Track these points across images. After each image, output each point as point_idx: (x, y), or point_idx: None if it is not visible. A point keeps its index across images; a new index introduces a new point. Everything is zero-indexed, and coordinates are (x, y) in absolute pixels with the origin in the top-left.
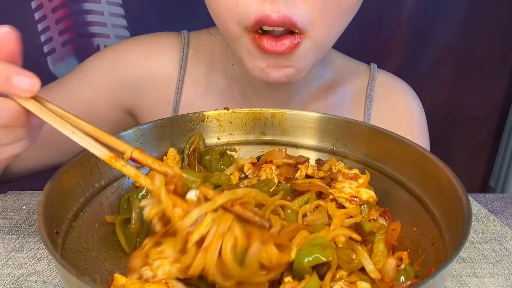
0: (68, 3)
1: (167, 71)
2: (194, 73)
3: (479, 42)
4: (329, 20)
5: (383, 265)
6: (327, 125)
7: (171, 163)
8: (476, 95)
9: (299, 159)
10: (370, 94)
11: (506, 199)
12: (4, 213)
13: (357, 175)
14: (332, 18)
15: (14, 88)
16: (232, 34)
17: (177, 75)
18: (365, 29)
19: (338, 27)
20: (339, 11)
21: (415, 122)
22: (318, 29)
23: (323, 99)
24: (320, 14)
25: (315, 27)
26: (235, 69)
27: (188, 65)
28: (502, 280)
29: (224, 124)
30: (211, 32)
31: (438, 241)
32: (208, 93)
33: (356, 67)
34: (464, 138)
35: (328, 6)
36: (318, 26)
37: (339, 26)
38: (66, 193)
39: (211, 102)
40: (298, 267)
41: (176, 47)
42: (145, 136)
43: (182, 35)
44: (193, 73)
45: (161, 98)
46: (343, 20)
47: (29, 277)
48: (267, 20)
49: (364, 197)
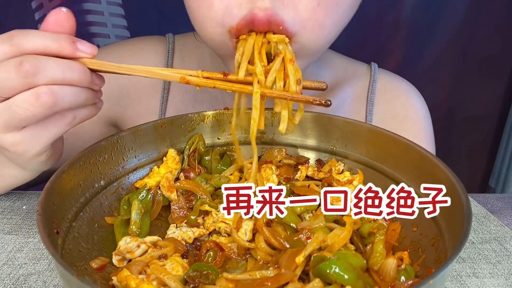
0: (68, 3)
1: (151, 80)
2: None
3: (479, 42)
4: (323, 21)
5: (383, 265)
6: (327, 125)
7: (171, 163)
8: (476, 95)
9: (299, 159)
10: (372, 98)
11: (506, 199)
12: (4, 213)
13: (351, 179)
14: (327, 18)
15: (78, 50)
16: (215, 39)
17: (162, 83)
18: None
19: (333, 27)
20: (336, 9)
21: (420, 125)
22: (310, 30)
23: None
24: (314, 14)
25: (305, 28)
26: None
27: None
28: (502, 280)
29: (224, 124)
30: (197, 37)
31: (438, 241)
32: (197, 101)
33: (356, 68)
34: (464, 138)
35: (323, 4)
36: (309, 28)
37: (334, 27)
38: (66, 193)
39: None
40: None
41: (160, 53)
42: (145, 136)
43: (166, 39)
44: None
45: (146, 108)
46: (340, 20)
47: (29, 277)
48: (253, 20)
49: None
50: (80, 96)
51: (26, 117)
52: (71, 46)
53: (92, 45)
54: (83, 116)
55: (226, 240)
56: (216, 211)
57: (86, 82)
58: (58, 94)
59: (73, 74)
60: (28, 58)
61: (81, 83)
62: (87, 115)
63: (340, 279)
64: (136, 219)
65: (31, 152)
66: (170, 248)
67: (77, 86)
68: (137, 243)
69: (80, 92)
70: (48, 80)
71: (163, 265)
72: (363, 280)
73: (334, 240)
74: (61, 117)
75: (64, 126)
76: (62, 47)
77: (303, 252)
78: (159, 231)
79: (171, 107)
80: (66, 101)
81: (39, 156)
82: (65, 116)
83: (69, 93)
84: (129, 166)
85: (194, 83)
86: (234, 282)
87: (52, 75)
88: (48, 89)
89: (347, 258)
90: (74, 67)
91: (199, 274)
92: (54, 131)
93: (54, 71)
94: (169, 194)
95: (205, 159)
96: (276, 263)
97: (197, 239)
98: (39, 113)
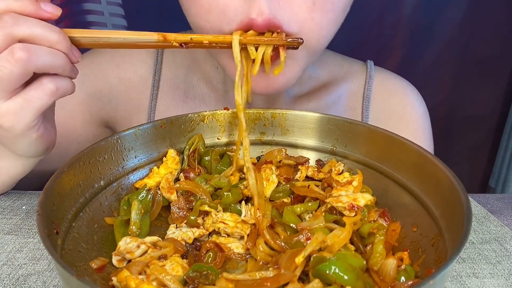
0: (68, 3)
1: (140, 77)
2: (171, 77)
3: (479, 42)
4: (320, 20)
5: (383, 265)
6: (327, 125)
7: (170, 164)
8: (476, 95)
9: (299, 159)
10: (368, 94)
11: (506, 199)
12: (4, 213)
13: (350, 180)
14: (323, 18)
15: (41, 10)
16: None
17: (152, 80)
18: (365, 29)
19: (331, 26)
20: (332, 8)
21: (417, 124)
22: (308, 31)
23: (316, 100)
24: (310, 13)
25: (304, 29)
26: (220, 73)
27: (163, 68)
28: (502, 280)
29: (224, 124)
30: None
31: (438, 241)
32: (188, 97)
33: (351, 65)
34: (464, 138)
35: (319, 3)
36: (307, 28)
37: (331, 26)
38: (66, 193)
39: (192, 106)
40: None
41: (150, 50)
42: (145, 136)
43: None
44: (170, 77)
45: (137, 107)
46: (336, 19)
47: (29, 277)
48: (252, 25)
49: (362, 203)
50: (57, 59)
51: (5, 75)
52: (34, 5)
53: (57, 7)
54: (64, 87)
55: (225, 241)
56: (216, 212)
57: (64, 46)
58: (33, 50)
59: (51, 34)
60: (7, 13)
61: (58, 45)
62: (69, 88)
63: (340, 280)
64: (136, 219)
65: (19, 126)
66: (170, 248)
67: (54, 48)
68: (137, 244)
69: (57, 55)
70: (26, 33)
71: (163, 266)
72: (363, 280)
73: (334, 240)
74: (42, 85)
75: (46, 97)
76: (25, 5)
77: (303, 253)
78: (159, 231)
79: (161, 104)
80: (41, 59)
81: (29, 131)
82: (46, 85)
83: (45, 51)
84: (129, 166)
85: (171, 38)
86: (234, 282)
87: (29, 28)
88: (22, 45)
89: (347, 259)
90: (53, 27)
91: (199, 275)
92: (38, 102)
93: (32, 25)
94: (169, 196)
95: (205, 159)
96: (275, 264)
97: (197, 239)
98: (16, 71)
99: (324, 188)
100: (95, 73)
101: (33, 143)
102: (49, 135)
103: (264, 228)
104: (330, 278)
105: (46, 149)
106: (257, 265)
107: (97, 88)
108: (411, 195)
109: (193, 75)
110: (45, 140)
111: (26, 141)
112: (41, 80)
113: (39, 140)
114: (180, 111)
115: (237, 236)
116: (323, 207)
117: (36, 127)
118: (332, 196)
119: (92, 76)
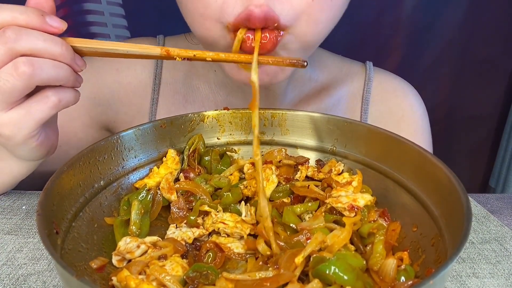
0: (68, 3)
1: (140, 81)
2: (171, 81)
3: (479, 42)
4: (318, 16)
5: (383, 265)
6: (327, 125)
7: (170, 164)
8: (476, 95)
9: (299, 159)
10: (367, 97)
11: (506, 199)
12: (4, 213)
13: (350, 180)
14: (321, 14)
15: (46, 24)
16: (210, 35)
17: (152, 85)
18: (365, 29)
19: (328, 22)
20: (330, 5)
21: (417, 125)
22: (304, 24)
23: (316, 102)
24: (308, 8)
25: (300, 22)
26: (219, 75)
27: (163, 73)
28: (502, 280)
29: (224, 124)
30: (188, 39)
31: (438, 241)
32: (188, 101)
33: (350, 67)
34: (464, 138)
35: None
36: (303, 22)
37: (328, 22)
38: (66, 193)
39: (192, 110)
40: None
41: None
42: (145, 136)
43: (157, 40)
44: (170, 81)
45: (138, 111)
46: (334, 16)
47: (29, 277)
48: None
49: (362, 204)
50: (61, 71)
51: (7, 88)
52: (40, 18)
53: (63, 20)
54: (67, 99)
55: (225, 241)
56: (216, 212)
57: (68, 58)
58: (37, 64)
59: (54, 46)
60: (10, 26)
61: (61, 57)
62: (72, 99)
63: (340, 280)
64: (136, 219)
65: (19, 135)
66: (170, 248)
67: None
68: (137, 244)
69: (61, 67)
70: (28, 47)
71: (162, 266)
72: (362, 280)
73: (334, 240)
74: (44, 98)
75: (48, 109)
76: (30, 18)
77: (303, 253)
78: (159, 231)
79: (162, 108)
80: (45, 73)
81: (29, 140)
82: (49, 98)
83: (49, 65)
84: (129, 166)
85: (175, 54)
86: (233, 282)
87: (32, 42)
88: (26, 59)
89: (347, 259)
90: (56, 40)
91: (199, 275)
92: (39, 114)
93: (35, 39)
94: (169, 196)
95: (205, 159)
96: (275, 264)
97: (197, 239)
98: (20, 85)
99: (324, 188)
100: (94, 77)
101: (33, 150)
102: (49, 141)
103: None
104: (330, 278)
105: (47, 153)
106: (257, 265)
107: (97, 92)
108: (411, 195)
109: (192, 79)
110: (45, 146)
111: (26, 149)
112: (44, 92)
113: (39, 147)
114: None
115: (237, 236)
116: (323, 207)
117: (37, 136)
118: (331, 197)
119: (91, 81)
